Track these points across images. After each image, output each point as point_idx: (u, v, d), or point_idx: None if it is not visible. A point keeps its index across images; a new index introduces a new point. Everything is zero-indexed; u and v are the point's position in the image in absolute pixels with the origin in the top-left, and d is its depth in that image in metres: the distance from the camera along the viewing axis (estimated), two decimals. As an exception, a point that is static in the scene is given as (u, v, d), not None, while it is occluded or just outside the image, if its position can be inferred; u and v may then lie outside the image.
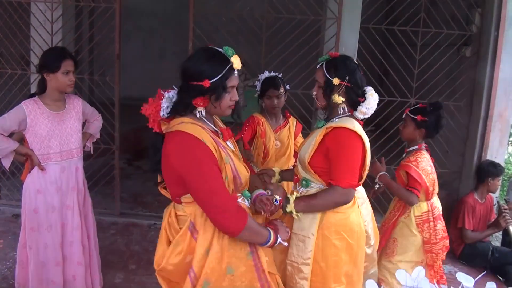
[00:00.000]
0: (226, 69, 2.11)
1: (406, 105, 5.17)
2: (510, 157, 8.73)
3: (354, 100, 2.57)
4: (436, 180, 3.55)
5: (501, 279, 4.42)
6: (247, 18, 5.07)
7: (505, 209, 4.59)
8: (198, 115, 2.16)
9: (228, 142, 2.29)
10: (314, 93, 2.65)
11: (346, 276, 2.60)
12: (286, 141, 3.82)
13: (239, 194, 2.27)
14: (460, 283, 1.44)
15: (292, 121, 3.92)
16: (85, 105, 3.49)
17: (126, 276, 4.12)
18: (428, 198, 3.49)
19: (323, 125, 2.59)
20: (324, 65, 2.59)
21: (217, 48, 2.18)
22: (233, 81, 2.16)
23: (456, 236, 4.81)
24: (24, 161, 3.31)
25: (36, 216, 3.23)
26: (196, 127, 2.10)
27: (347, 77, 2.52)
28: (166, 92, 2.19)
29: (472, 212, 4.72)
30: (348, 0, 4.91)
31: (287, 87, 3.78)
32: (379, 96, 2.70)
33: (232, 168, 2.15)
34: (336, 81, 2.52)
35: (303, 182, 2.65)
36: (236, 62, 2.15)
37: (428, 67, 5.19)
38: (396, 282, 3.17)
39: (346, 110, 2.60)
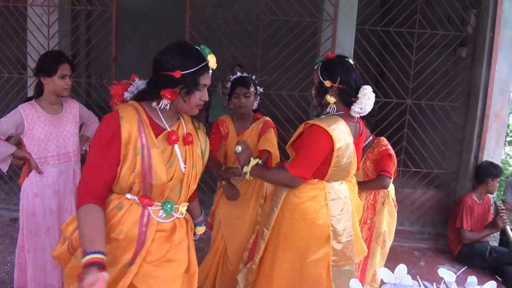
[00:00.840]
0: (201, 65, 2.05)
1: (402, 106, 5.19)
2: (507, 157, 8.74)
3: (347, 100, 2.68)
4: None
5: (499, 279, 4.43)
6: (244, 20, 5.08)
7: (502, 209, 4.60)
8: (161, 106, 2.08)
9: (176, 146, 2.13)
10: (313, 92, 2.81)
11: (295, 256, 2.78)
12: (251, 143, 3.58)
13: (158, 203, 2.11)
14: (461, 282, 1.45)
15: (259, 123, 3.66)
16: (82, 108, 3.50)
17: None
18: (395, 177, 3.69)
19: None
20: (319, 67, 2.73)
21: (193, 44, 2.14)
22: (206, 79, 2.10)
23: (454, 237, 4.82)
24: (21, 164, 3.32)
25: (34, 219, 3.23)
26: (130, 109, 2.05)
27: (339, 79, 2.64)
28: (138, 80, 2.19)
29: (470, 213, 4.73)
30: (344, 2, 4.93)
31: (260, 90, 3.66)
32: (375, 97, 2.76)
33: (144, 163, 2.00)
34: (327, 83, 2.66)
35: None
36: (212, 61, 2.09)
37: (424, 68, 5.21)
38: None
39: (336, 109, 2.73)
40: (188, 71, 2.02)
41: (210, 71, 2.11)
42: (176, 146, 2.12)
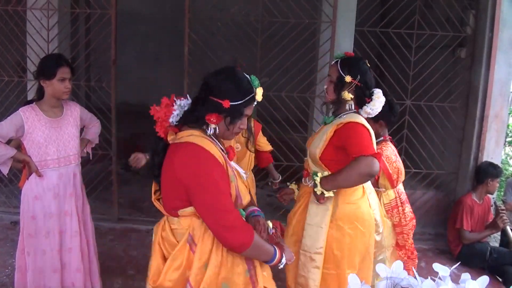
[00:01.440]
0: (249, 97, 2.09)
1: (402, 107, 5.19)
2: (507, 158, 8.74)
3: (362, 99, 2.75)
4: (402, 170, 3.67)
5: (499, 279, 4.43)
6: (243, 22, 5.09)
7: (503, 210, 4.60)
8: (209, 132, 2.12)
9: (232, 162, 2.23)
10: (325, 86, 2.83)
11: (360, 262, 2.78)
12: (243, 143, 3.68)
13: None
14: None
15: (250, 123, 3.74)
16: (83, 111, 3.50)
17: (125, 282, 4.12)
18: (393, 185, 3.61)
19: (332, 120, 2.78)
20: (339, 62, 2.77)
21: (245, 74, 2.16)
22: (250, 110, 2.14)
23: (454, 237, 4.82)
24: (21, 168, 3.32)
25: (34, 223, 3.23)
26: (206, 141, 2.07)
27: (359, 76, 2.71)
28: (179, 100, 2.16)
29: (470, 213, 4.73)
30: (342, 3, 4.93)
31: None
32: None
33: (236, 187, 2.12)
34: (348, 78, 2.70)
35: (313, 176, 2.74)
36: (259, 94, 2.14)
37: (423, 69, 5.21)
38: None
39: (353, 107, 2.77)
40: (236, 103, 2.06)
41: (255, 103, 2.16)
42: (233, 163, 2.23)
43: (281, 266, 2.20)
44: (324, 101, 2.96)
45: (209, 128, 2.11)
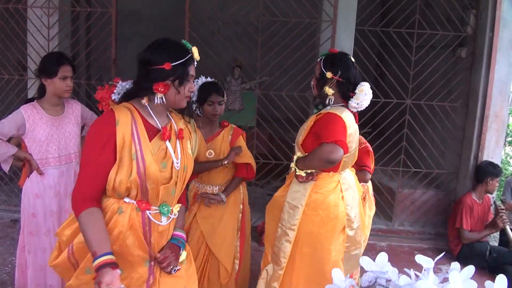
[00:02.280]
0: (188, 56, 2.11)
1: (402, 106, 5.20)
2: (507, 157, 8.75)
3: (345, 94, 2.86)
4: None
5: (499, 278, 4.43)
6: (243, 21, 5.09)
7: (502, 209, 4.60)
8: (156, 101, 2.09)
9: (168, 143, 2.14)
10: (312, 83, 2.99)
11: (319, 244, 2.92)
12: (218, 151, 3.53)
13: (155, 207, 2.12)
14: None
15: (228, 131, 3.60)
16: (84, 109, 3.50)
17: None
18: (372, 173, 3.82)
19: (314, 112, 2.94)
20: (322, 59, 2.92)
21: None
22: (193, 70, 2.15)
23: (453, 236, 4.82)
24: (21, 166, 3.32)
25: (35, 220, 3.24)
26: (125, 111, 2.06)
27: (340, 72, 2.82)
28: (122, 81, 2.23)
29: (470, 213, 4.74)
30: (343, 3, 4.93)
31: (197, 82, 3.59)
32: (375, 98, 2.89)
33: (140, 168, 2.01)
34: (329, 74, 2.83)
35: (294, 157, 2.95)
36: (195, 52, 2.15)
37: (423, 68, 5.21)
38: None
39: (334, 101, 2.88)
40: (177, 63, 2.07)
41: (195, 63, 2.18)
42: (168, 144, 2.14)
43: (96, 283, 1.89)
44: (314, 96, 3.07)
45: (156, 98, 2.09)
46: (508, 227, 4.62)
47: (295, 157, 2.92)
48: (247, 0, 5.04)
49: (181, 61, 2.08)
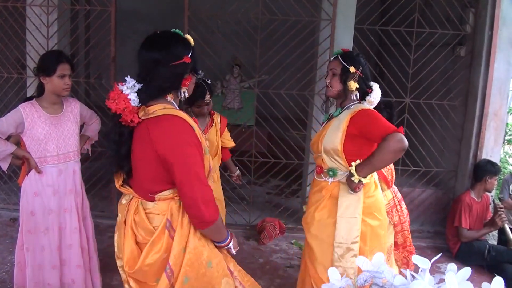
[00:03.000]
0: (191, 45, 2.16)
1: (401, 105, 5.20)
2: (506, 156, 8.75)
3: (364, 89, 2.90)
4: (393, 168, 3.80)
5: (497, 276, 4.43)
6: (242, 20, 5.09)
7: (501, 207, 4.61)
8: (181, 96, 2.16)
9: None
10: (328, 81, 2.93)
11: (384, 244, 3.07)
12: (215, 140, 3.66)
13: None
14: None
15: (216, 118, 3.77)
16: (82, 108, 3.50)
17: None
18: (388, 186, 3.73)
19: (340, 113, 2.89)
20: (340, 56, 2.91)
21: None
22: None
23: (452, 235, 4.83)
24: (20, 164, 3.32)
25: (33, 219, 3.24)
26: (182, 113, 2.09)
27: (360, 68, 2.86)
28: (121, 85, 2.11)
29: (469, 211, 4.74)
30: (342, 1, 4.94)
31: (201, 74, 3.59)
32: None
33: (210, 160, 2.16)
34: (352, 69, 2.83)
35: (330, 173, 2.88)
36: (191, 39, 2.18)
37: (422, 67, 5.22)
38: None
39: (358, 97, 2.89)
40: (191, 53, 2.12)
41: None
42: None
43: (231, 248, 2.30)
44: (328, 96, 3.01)
45: (180, 93, 2.16)
46: (507, 226, 4.62)
47: (352, 169, 2.72)
48: (246, -2, 5.04)
49: (192, 51, 2.13)
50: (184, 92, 2.16)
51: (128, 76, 2.13)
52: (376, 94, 2.92)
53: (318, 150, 2.94)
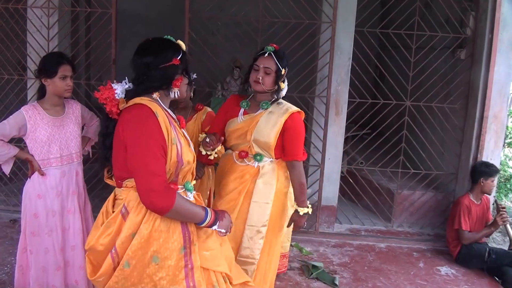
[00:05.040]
0: (182, 49, 2.30)
1: (401, 108, 5.20)
2: (506, 159, 8.75)
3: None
4: None
5: (497, 280, 4.44)
6: (243, 22, 5.09)
7: (503, 208, 4.61)
8: (172, 96, 2.30)
9: (183, 130, 2.39)
10: (259, 77, 2.99)
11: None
12: (192, 135, 3.66)
13: (181, 186, 2.31)
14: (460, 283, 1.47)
15: (202, 113, 3.81)
16: (83, 109, 3.50)
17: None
18: None
19: (268, 107, 3.09)
20: (273, 54, 3.02)
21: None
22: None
23: (452, 238, 4.82)
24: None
25: (37, 221, 3.24)
26: (155, 104, 2.20)
27: (287, 68, 3.06)
28: (116, 83, 2.29)
29: (468, 213, 4.74)
30: (342, 4, 4.94)
31: (193, 76, 3.62)
32: (374, 99, 2.97)
33: (178, 151, 2.20)
34: (283, 71, 3.03)
35: (258, 157, 3.08)
36: (182, 44, 2.33)
37: (423, 70, 5.22)
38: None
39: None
40: (180, 55, 2.26)
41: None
42: (184, 131, 2.39)
43: (222, 233, 2.37)
44: (255, 90, 3.09)
45: (172, 93, 2.29)
46: (508, 226, 4.62)
47: (300, 209, 3.19)
48: (247, 0, 5.04)
49: (181, 54, 2.27)
50: (176, 92, 2.29)
51: (126, 78, 2.29)
52: (285, 91, 3.15)
53: (246, 139, 3.08)
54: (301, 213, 3.15)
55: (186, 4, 4.96)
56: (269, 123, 3.03)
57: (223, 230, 2.36)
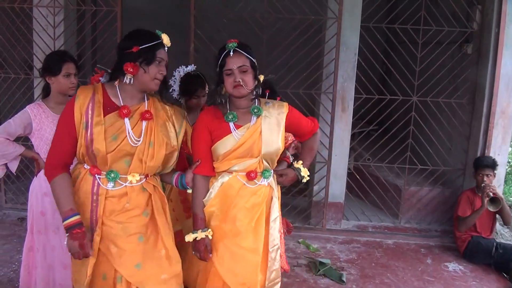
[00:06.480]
0: (156, 42, 2.36)
1: (408, 103, 5.18)
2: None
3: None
4: None
5: (505, 275, 4.41)
6: (248, 19, 5.08)
7: (487, 184, 4.61)
8: (125, 80, 2.36)
9: (127, 120, 2.38)
10: (238, 80, 2.55)
11: None
12: None
13: (104, 173, 2.39)
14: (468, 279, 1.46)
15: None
16: (88, 108, 3.51)
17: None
18: None
19: (262, 111, 2.66)
20: (242, 49, 2.62)
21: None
22: (162, 54, 2.39)
23: (459, 233, 4.80)
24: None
25: (44, 219, 3.24)
26: (88, 89, 2.40)
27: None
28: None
29: (470, 204, 4.73)
30: (348, 0, 4.92)
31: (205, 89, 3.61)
32: (381, 95, 2.88)
33: (87, 136, 2.31)
34: (255, 61, 2.66)
35: (266, 174, 2.70)
36: (165, 38, 2.41)
37: (429, 65, 5.20)
38: None
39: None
40: (144, 46, 2.33)
41: (166, 48, 2.43)
42: (126, 120, 2.38)
43: (65, 246, 2.34)
44: (241, 95, 2.60)
45: (126, 78, 2.36)
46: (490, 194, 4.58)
47: (302, 168, 2.85)
48: (252, -3, 5.04)
49: (148, 44, 2.33)
50: (130, 78, 2.35)
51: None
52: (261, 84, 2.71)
53: (252, 156, 2.64)
54: (302, 173, 2.82)
55: (192, 2, 4.96)
56: (272, 128, 2.66)
57: (65, 244, 2.34)
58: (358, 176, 5.46)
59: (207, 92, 3.58)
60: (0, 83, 5.38)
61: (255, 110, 2.65)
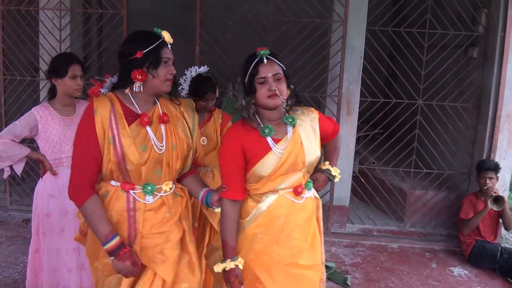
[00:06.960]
0: (157, 42, 2.24)
1: (413, 107, 5.17)
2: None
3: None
4: None
5: (510, 280, 4.39)
6: (253, 21, 5.09)
7: (490, 186, 4.60)
8: (135, 89, 2.23)
9: (148, 128, 2.26)
10: (274, 88, 2.37)
11: None
12: (213, 135, 3.57)
13: (139, 187, 2.27)
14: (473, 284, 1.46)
15: (218, 114, 3.66)
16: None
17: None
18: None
19: (295, 120, 2.47)
20: (273, 57, 2.49)
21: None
22: (167, 53, 2.27)
23: (464, 237, 4.78)
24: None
25: (49, 221, 3.25)
26: (104, 100, 2.22)
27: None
28: (111, 77, 2.37)
29: (473, 207, 4.71)
30: (354, 3, 4.92)
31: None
32: (386, 98, 2.84)
33: (118, 151, 2.18)
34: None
35: (309, 185, 2.53)
36: (166, 36, 2.29)
37: (435, 69, 5.18)
38: None
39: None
40: (147, 49, 2.19)
41: (169, 46, 2.31)
42: (148, 128, 2.27)
43: (110, 260, 2.22)
44: (276, 106, 2.42)
45: (135, 86, 2.23)
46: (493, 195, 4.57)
47: (332, 169, 2.78)
48: (258, -1, 5.05)
49: (151, 47, 2.20)
50: (139, 86, 2.23)
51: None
52: None
53: (297, 169, 2.44)
54: (332, 173, 2.73)
55: (197, 4, 4.97)
56: (309, 136, 2.48)
57: (117, 266, 2.21)
58: (363, 180, 5.45)
59: (217, 96, 3.55)
60: (6, 85, 5.40)
61: (290, 120, 2.45)
